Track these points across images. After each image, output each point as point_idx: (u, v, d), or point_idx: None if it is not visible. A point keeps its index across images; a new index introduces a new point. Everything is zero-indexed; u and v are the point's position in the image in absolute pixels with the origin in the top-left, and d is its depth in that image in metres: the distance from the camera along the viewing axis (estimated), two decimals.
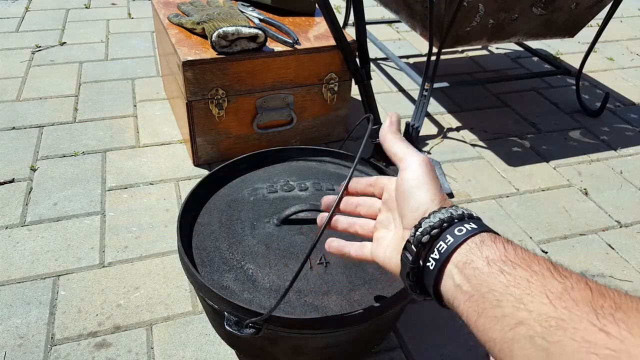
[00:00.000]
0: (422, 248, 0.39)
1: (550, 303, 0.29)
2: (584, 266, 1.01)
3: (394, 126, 0.47)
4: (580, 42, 1.98)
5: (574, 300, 0.29)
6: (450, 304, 0.36)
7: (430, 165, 0.43)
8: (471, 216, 0.39)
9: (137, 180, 1.16)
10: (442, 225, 0.38)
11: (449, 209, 0.39)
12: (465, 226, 0.37)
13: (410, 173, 0.43)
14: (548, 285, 0.30)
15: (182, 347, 0.81)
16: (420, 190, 0.42)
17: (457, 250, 0.36)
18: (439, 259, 0.37)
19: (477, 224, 0.38)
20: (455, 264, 0.36)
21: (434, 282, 0.37)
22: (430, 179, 0.42)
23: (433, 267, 0.37)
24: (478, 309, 0.33)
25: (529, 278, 0.31)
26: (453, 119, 1.47)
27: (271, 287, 0.66)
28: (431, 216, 0.39)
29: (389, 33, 2.00)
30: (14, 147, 1.24)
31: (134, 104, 1.44)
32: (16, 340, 0.81)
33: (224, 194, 0.81)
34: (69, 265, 0.94)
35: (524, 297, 0.30)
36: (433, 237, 0.38)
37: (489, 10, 1.19)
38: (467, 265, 0.35)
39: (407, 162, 0.44)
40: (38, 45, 1.72)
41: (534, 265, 0.32)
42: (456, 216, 0.38)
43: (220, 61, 1.07)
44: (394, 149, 0.46)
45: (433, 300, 0.39)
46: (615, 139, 1.42)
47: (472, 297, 0.33)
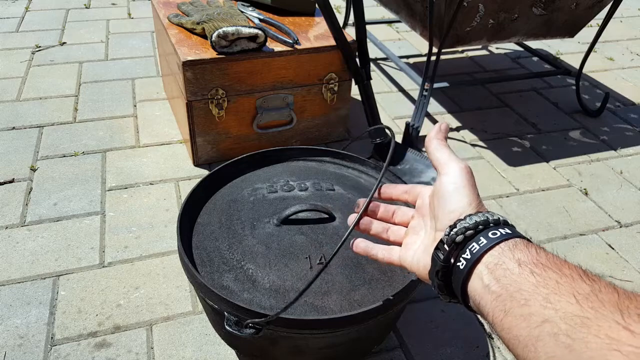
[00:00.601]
0: (454, 247, 0.39)
1: (577, 303, 0.30)
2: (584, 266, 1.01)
3: (441, 134, 0.48)
4: (580, 42, 1.98)
5: (600, 301, 0.29)
6: (477, 305, 0.37)
7: (470, 173, 0.44)
8: (506, 222, 0.40)
9: (137, 180, 1.16)
10: (477, 227, 0.39)
11: (485, 213, 0.40)
12: (500, 230, 0.38)
13: (450, 177, 0.44)
14: (576, 287, 0.31)
15: (182, 347, 0.81)
16: (459, 194, 0.43)
17: (489, 252, 0.37)
18: (470, 258, 0.38)
19: (512, 230, 0.39)
20: (486, 264, 0.36)
21: (462, 281, 0.38)
22: (469, 185, 0.43)
23: (463, 266, 0.38)
24: (505, 308, 0.33)
25: (558, 280, 0.32)
26: (453, 119, 1.47)
27: (271, 287, 0.66)
28: (467, 218, 0.40)
29: (389, 33, 2.00)
30: (14, 147, 1.24)
31: (134, 104, 1.44)
32: (16, 340, 0.81)
33: (224, 194, 0.81)
34: (69, 265, 0.94)
35: (552, 296, 0.31)
36: (467, 237, 0.39)
37: (489, 10, 1.19)
38: (497, 267, 0.35)
39: (449, 167, 0.45)
40: (38, 45, 1.72)
41: (565, 269, 0.33)
42: (492, 220, 0.39)
43: (220, 61, 1.07)
44: (437, 155, 0.47)
45: (459, 303, 0.40)
46: (615, 139, 1.42)
47: (499, 297, 0.34)
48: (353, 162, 0.90)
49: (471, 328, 0.88)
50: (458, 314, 0.90)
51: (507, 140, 1.39)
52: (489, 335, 0.87)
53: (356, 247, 0.52)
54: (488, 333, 0.87)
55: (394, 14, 1.46)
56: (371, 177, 0.88)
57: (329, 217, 0.74)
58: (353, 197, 0.79)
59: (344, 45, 1.15)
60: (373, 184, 0.86)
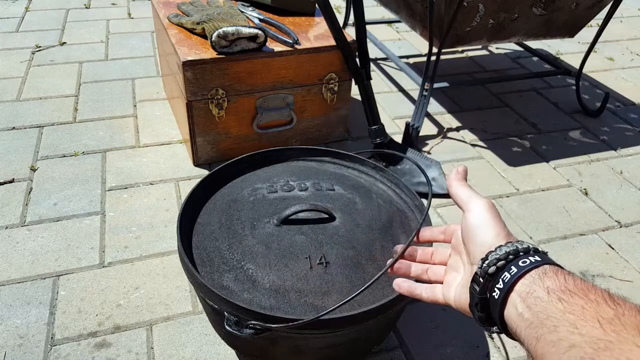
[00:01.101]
0: (489, 279, 0.41)
1: (601, 327, 0.31)
2: (584, 266, 1.01)
3: (460, 175, 0.51)
4: (580, 42, 1.98)
5: (623, 325, 0.31)
6: (514, 332, 0.38)
7: (493, 208, 0.47)
8: (537, 250, 0.41)
9: (137, 180, 1.16)
10: (507, 257, 0.41)
11: (514, 243, 0.42)
12: (530, 259, 0.40)
13: (474, 213, 0.46)
14: (601, 311, 0.33)
15: (182, 347, 0.81)
16: (486, 227, 0.45)
17: (520, 281, 0.39)
18: (502, 288, 0.39)
19: (542, 257, 0.40)
20: (519, 293, 0.38)
21: (499, 311, 0.40)
22: (494, 217, 0.45)
23: (498, 296, 0.40)
24: (537, 335, 0.35)
25: (584, 305, 0.34)
26: (453, 119, 1.47)
27: (271, 287, 0.66)
28: (497, 249, 0.42)
29: (389, 33, 2.00)
30: (14, 147, 1.24)
31: (134, 104, 1.44)
32: (16, 340, 0.81)
33: (224, 194, 0.81)
34: (69, 265, 0.94)
35: (578, 322, 0.33)
36: (499, 268, 0.41)
37: (489, 10, 1.19)
38: (529, 295, 0.37)
39: (472, 204, 0.47)
40: (38, 45, 1.72)
41: (590, 294, 0.35)
42: (522, 249, 0.41)
43: (220, 61, 1.07)
44: (459, 194, 0.49)
45: (502, 332, 0.41)
46: (615, 139, 1.42)
47: (532, 324, 0.36)
48: (353, 162, 0.90)
49: (471, 328, 0.88)
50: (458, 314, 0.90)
51: (507, 140, 1.39)
52: (489, 335, 0.87)
53: (399, 287, 0.53)
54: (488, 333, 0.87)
55: (394, 14, 1.46)
56: (371, 177, 0.88)
57: (329, 217, 0.74)
58: (353, 197, 0.79)
59: (344, 45, 1.15)
60: (373, 184, 0.86)
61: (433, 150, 1.33)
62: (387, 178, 0.87)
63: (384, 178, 0.87)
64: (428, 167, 1.22)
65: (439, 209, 1.14)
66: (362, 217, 0.76)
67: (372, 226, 0.75)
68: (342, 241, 0.71)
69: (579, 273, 1.00)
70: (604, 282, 0.98)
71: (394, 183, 0.86)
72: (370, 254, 0.71)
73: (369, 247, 0.72)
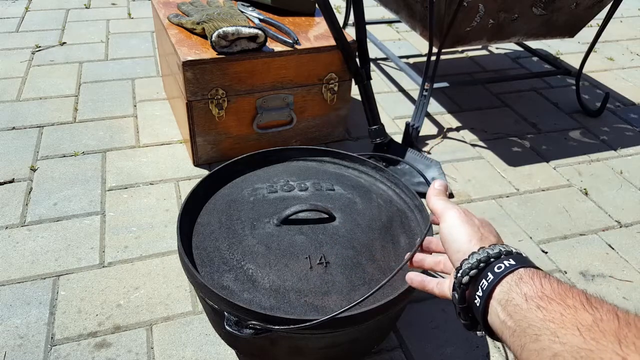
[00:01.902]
0: (465, 288, 0.42)
1: (580, 335, 0.32)
2: (584, 266, 1.01)
3: (437, 190, 0.52)
4: (580, 42, 1.98)
5: (602, 332, 0.31)
6: (500, 337, 0.39)
7: (465, 214, 0.48)
8: (509, 252, 0.41)
9: (137, 180, 1.16)
10: (479, 266, 0.41)
11: (486, 249, 0.42)
12: (504, 263, 0.40)
13: (448, 223, 0.47)
14: (579, 318, 0.33)
15: (182, 347, 0.81)
16: (458, 234, 0.46)
17: (497, 288, 0.39)
18: (482, 295, 0.40)
19: (516, 259, 0.40)
20: (498, 300, 0.38)
21: (482, 317, 0.40)
22: (466, 223, 0.46)
23: (479, 304, 0.40)
24: (521, 343, 0.35)
25: (562, 312, 0.34)
26: (453, 119, 1.47)
27: (271, 287, 0.66)
28: (470, 257, 0.42)
29: (389, 33, 2.00)
30: (14, 147, 1.24)
31: (134, 104, 1.44)
32: (16, 340, 0.81)
33: (224, 194, 0.81)
34: (69, 265, 0.94)
35: (558, 330, 0.33)
36: (472, 277, 0.41)
37: (489, 10, 1.19)
38: (508, 303, 0.37)
39: (445, 215, 0.48)
40: (38, 45, 1.72)
41: (568, 299, 0.35)
42: (493, 255, 0.41)
43: (220, 61, 1.07)
44: (435, 206, 0.50)
45: (489, 336, 0.41)
46: (615, 139, 1.42)
47: (515, 332, 0.36)
48: (353, 162, 0.90)
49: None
50: None
51: (507, 140, 1.39)
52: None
53: (411, 281, 0.53)
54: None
55: (394, 14, 1.46)
56: (371, 177, 0.88)
57: (329, 217, 0.74)
58: (353, 197, 0.79)
59: (344, 45, 1.15)
60: (373, 184, 0.86)
61: (433, 150, 1.33)
62: (387, 178, 0.87)
63: (384, 178, 0.87)
64: (428, 167, 1.22)
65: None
66: (362, 217, 0.76)
67: (372, 226, 0.75)
68: (342, 241, 0.71)
69: (578, 273, 1.00)
70: (604, 282, 0.98)
71: (394, 183, 0.86)
72: (370, 254, 0.71)
73: (369, 247, 0.71)
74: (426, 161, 1.23)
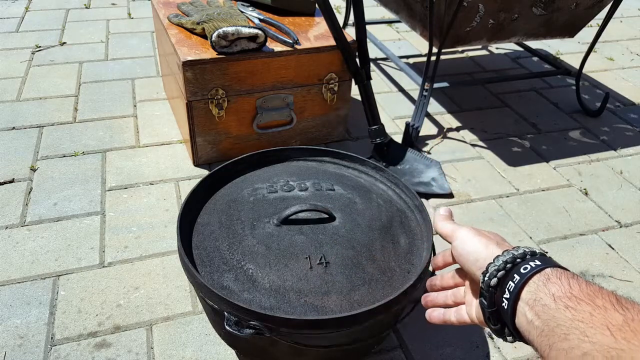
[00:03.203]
0: (493, 292, 0.42)
1: (611, 335, 0.32)
2: (584, 266, 1.01)
3: (443, 216, 0.54)
4: (580, 42, 1.98)
5: (633, 332, 0.31)
6: (527, 339, 0.39)
7: (478, 230, 0.48)
8: (534, 253, 0.42)
9: (137, 180, 1.16)
10: (505, 267, 0.41)
11: (510, 251, 0.42)
12: (530, 264, 0.40)
13: (459, 240, 0.48)
14: (609, 317, 0.33)
15: (182, 347, 0.81)
16: (473, 245, 0.46)
17: (524, 288, 0.39)
18: (509, 297, 0.40)
19: (541, 260, 0.40)
20: (526, 301, 0.39)
21: (511, 320, 0.40)
22: (478, 235, 0.47)
23: (507, 306, 0.40)
24: (549, 343, 0.35)
25: (591, 312, 0.34)
26: (453, 119, 1.47)
27: (271, 287, 0.66)
28: (495, 260, 0.43)
29: (389, 33, 2.00)
30: (14, 147, 1.24)
31: (134, 104, 1.44)
32: (16, 340, 0.81)
33: (223, 194, 0.81)
34: (69, 265, 0.94)
35: (588, 330, 0.33)
36: (500, 279, 0.41)
37: (489, 10, 1.19)
38: (536, 303, 0.38)
39: (456, 234, 0.49)
40: (38, 45, 1.72)
41: (597, 300, 0.35)
42: (518, 255, 0.41)
43: (220, 61, 1.07)
44: (443, 230, 0.51)
45: (518, 339, 0.42)
46: (615, 139, 1.42)
47: (542, 332, 0.36)
48: (353, 162, 0.90)
49: (471, 328, 0.88)
50: None
51: (507, 140, 1.39)
52: (489, 335, 0.87)
53: (431, 318, 0.55)
54: (488, 333, 0.87)
55: (394, 14, 1.46)
56: (371, 177, 0.88)
57: (329, 217, 0.74)
58: (353, 197, 0.79)
59: (344, 45, 1.15)
60: (373, 184, 0.86)
61: (433, 150, 1.33)
62: (387, 178, 0.87)
63: (383, 178, 0.87)
64: (428, 167, 1.22)
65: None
66: (362, 217, 0.76)
67: (372, 226, 0.75)
68: (342, 241, 0.71)
69: (579, 273, 1.00)
70: (604, 282, 0.98)
71: (394, 183, 0.86)
72: (370, 254, 0.71)
73: (369, 247, 0.71)
74: (426, 161, 1.23)
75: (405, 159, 1.24)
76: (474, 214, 1.13)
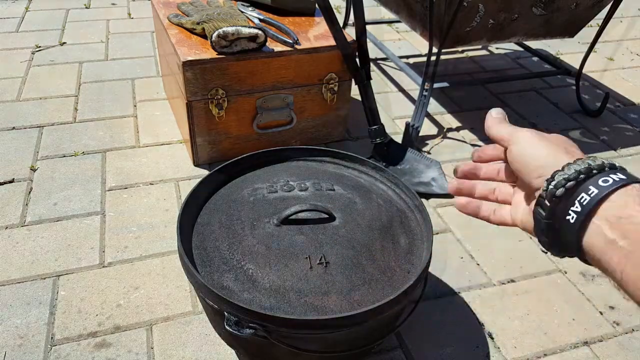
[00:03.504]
0: (557, 202, 0.36)
1: None
2: (584, 266, 1.01)
3: (497, 118, 0.45)
4: (580, 42, 1.98)
5: None
6: (597, 260, 0.34)
7: (539, 133, 0.41)
8: (613, 166, 0.36)
9: (137, 180, 1.16)
10: (578, 177, 0.35)
11: (585, 160, 0.36)
12: (612, 177, 0.34)
13: (520, 144, 0.41)
14: None
15: (182, 347, 0.81)
16: (536, 150, 0.39)
17: (603, 204, 0.34)
18: (581, 211, 0.35)
19: (626, 174, 0.35)
20: (606, 218, 0.33)
21: (577, 237, 0.35)
22: (544, 139, 0.40)
23: (574, 220, 0.35)
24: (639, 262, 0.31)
25: None
26: (453, 119, 1.47)
27: (271, 287, 0.66)
28: (566, 168, 0.36)
29: (389, 33, 2.00)
30: (13, 147, 1.24)
31: (134, 104, 1.44)
32: (16, 340, 0.81)
33: (224, 194, 0.81)
34: (69, 265, 0.94)
35: None
36: (569, 189, 0.35)
37: (489, 10, 1.19)
38: (623, 220, 0.33)
39: (515, 136, 0.41)
40: (38, 45, 1.72)
41: None
42: (595, 167, 0.35)
43: (220, 61, 1.07)
44: (500, 134, 0.43)
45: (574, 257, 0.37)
46: (615, 139, 1.42)
47: (632, 253, 0.32)
48: (353, 162, 0.90)
49: (471, 328, 0.88)
50: (458, 314, 0.90)
51: None
52: (489, 335, 0.87)
53: (464, 207, 0.47)
54: (488, 333, 0.87)
55: (394, 14, 1.46)
56: (371, 177, 0.88)
57: (329, 217, 0.74)
58: (353, 197, 0.79)
59: (344, 45, 1.15)
60: (373, 184, 0.86)
61: (433, 150, 1.33)
62: (386, 178, 0.87)
63: (383, 178, 0.87)
64: (428, 167, 1.22)
65: (439, 209, 1.14)
66: (362, 217, 0.76)
67: (372, 226, 0.75)
68: (342, 241, 0.71)
69: (579, 273, 1.00)
70: (604, 282, 0.98)
71: (394, 183, 0.86)
72: (370, 254, 0.71)
73: (369, 247, 0.72)
74: (426, 161, 1.23)
75: (405, 159, 1.24)
76: None
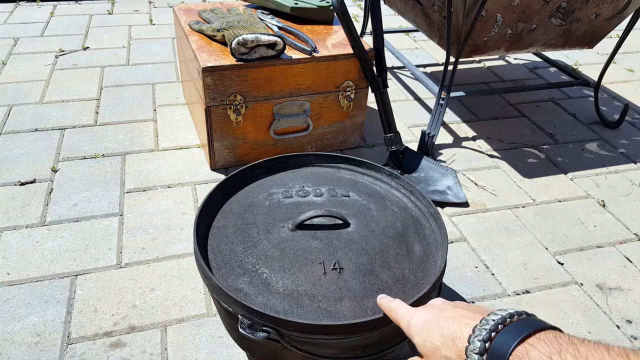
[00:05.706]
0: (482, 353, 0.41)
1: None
2: (600, 279, 1.00)
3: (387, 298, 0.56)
4: (599, 53, 1.96)
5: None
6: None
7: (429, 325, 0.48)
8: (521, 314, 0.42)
9: (155, 183, 1.18)
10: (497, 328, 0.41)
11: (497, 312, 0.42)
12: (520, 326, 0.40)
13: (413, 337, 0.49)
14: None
15: (196, 349, 0.82)
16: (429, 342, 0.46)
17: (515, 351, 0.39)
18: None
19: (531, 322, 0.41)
20: None
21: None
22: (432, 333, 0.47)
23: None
24: None
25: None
26: (469, 128, 1.47)
27: (285, 291, 0.66)
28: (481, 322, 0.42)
29: (406, 42, 2.00)
30: (35, 149, 1.26)
31: (153, 108, 1.46)
32: (33, 337, 0.82)
33: (240, 198, 0.82)
34: (86, 265, 0.96)
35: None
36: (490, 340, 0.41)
37: (507, 20, 1.19)
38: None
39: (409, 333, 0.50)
40: (62, 49, 1.76)
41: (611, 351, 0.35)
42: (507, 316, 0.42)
43: (239, 68, 1.09)
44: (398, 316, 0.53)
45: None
46: (634, 151, 1.41)
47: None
48: (368, 169, 0.90)
49: None
50: None
51: (523, 150, 1.39)
52: None
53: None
54: None
55: (412, 23, 1.46)
56: (386, 185, 0.88)
57: (344, 223, 0.74)
58: (368, 204, 0.80)
59: (361, 53, 1.16)
60: (388, 191, 0.86)
61: (449, 159, 1.33)
62: (402, 185, 0.87)
63: (399, 185, 0.87)
64: (443, 175, 1.22)
65: (453, 217, 1.13)
66: (377, 224, 0.76)
67: (387, 233, 0.75)
68: (356, 247, 0.71)
69: (595, 286, 0.99)
70: (621, 295, 0.97)
71: (409, 190, 0.86)
72: (384, 261, 0.71)
73: (383, 254, 0.72)
74: (442, 170, 1.23)
75: (421, 167, 1.24)
76: (489, 224, 1.12)
